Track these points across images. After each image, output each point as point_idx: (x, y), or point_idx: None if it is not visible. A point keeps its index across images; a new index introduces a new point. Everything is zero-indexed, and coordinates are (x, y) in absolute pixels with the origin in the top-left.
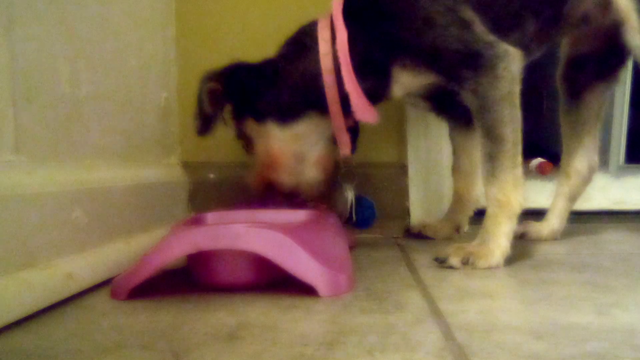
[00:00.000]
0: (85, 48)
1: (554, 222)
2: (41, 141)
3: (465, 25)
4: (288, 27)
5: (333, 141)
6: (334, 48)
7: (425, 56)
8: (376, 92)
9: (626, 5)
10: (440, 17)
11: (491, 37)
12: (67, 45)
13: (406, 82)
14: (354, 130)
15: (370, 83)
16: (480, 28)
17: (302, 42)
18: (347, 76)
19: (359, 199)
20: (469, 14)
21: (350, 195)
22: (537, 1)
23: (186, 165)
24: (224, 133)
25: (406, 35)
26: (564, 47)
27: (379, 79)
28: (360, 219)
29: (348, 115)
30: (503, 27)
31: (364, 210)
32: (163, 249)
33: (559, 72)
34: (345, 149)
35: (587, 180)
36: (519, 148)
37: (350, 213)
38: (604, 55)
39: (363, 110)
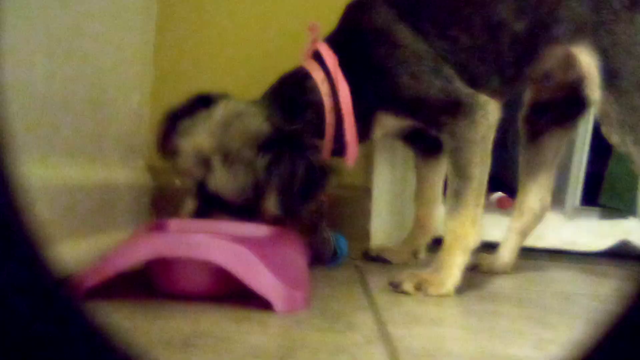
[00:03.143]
0: (63, 46)
1: (505, 256)
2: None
3: (447, 79)
4: (264, 37)
5: None
6: (334, 101)
7: (410, 106)
8: (360, 136)
9: (588, 63)
10: (425, 75)
11: (470, 90)
12: (45, 41)
13: (388, 125)
14: None
15: (357, 128)
16: (459, 82)
17: (318, 103)
18: (350, 128)
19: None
20: (449, 71)
21: (328, 233)
22: (502, 63)
23: (153, 170)
24: None
25: (394, 88)
26: (528, 92)
27: (364, 124)
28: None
29: None
30: (474, 84)
31: (340, 248)
32: (124, 252)
33: (521, 114)
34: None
35: (539, 218)
36: (484, 189)
37: (335, 250)
38: (565, 104)
39: (354, 156)
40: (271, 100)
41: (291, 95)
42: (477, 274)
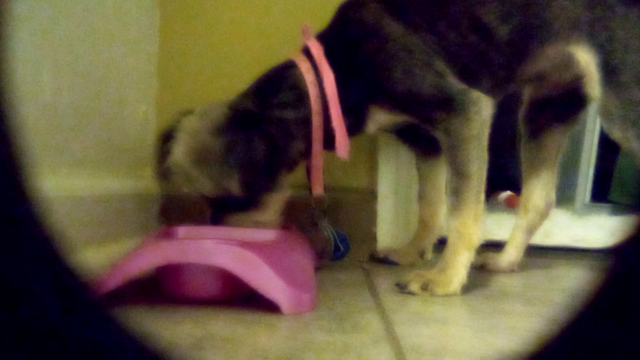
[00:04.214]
0: (69, 58)
1: (511, 254)
2: None
3: (440, 75)
4: (267, 45)
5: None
6: (320, 90)
7: (403, 100)
8: (352, 128)
9: (586, 60)
10: (418, 69)
11: (463, 85)
12: (52, 54)
13: (381, 120)
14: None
15: (349, 120)
16: (452, 78)
17: (297, 87)
18: (336, 116)
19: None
20: (442, 66)
21: (329, 231)
22: (492, 65)
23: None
24: None
25: (386, 83)
26: (527, 90)
27: (356, 117)
28: (340, 252)
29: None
30: (466, 81)
31: (341, 243)
32: (134, 259)
33: (521, 112)
34: (319, 188)
35: (544, 215)
36: (483, 186)
37: (336, 247)
38: (565, 100)
39: (345, 146)
40: (250, 88)
41: (270, 80)
42: (483, 272)
